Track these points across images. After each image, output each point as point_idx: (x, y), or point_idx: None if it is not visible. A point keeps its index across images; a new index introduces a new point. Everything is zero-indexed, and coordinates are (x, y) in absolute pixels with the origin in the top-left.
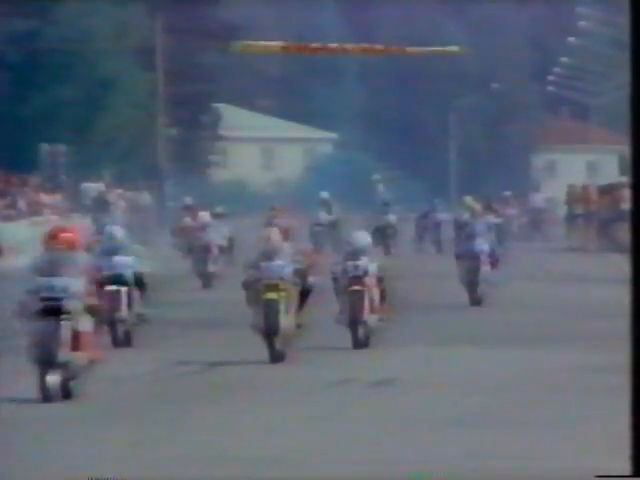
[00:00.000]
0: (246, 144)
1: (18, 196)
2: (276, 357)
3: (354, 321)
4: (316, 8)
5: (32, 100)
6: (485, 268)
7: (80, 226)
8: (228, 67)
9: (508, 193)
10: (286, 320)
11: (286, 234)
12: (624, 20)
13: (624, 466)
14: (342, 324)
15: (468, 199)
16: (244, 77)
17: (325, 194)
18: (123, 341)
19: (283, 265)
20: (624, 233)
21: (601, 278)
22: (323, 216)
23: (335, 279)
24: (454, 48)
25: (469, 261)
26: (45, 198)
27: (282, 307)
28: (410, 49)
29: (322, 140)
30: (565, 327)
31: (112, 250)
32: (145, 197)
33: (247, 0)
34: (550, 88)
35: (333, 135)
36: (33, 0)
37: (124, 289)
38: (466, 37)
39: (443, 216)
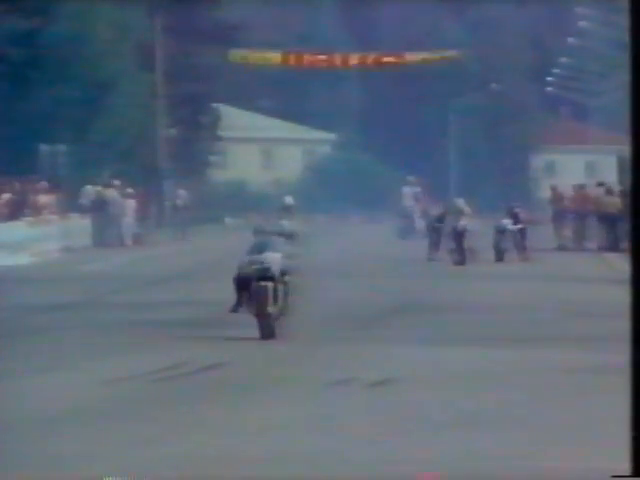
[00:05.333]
0: (246, 144)
1: (18, 196)
2: None
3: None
4: (315, 10)
5: (31, 100)
6: None
7: None
8: (227, 67)
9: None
10: None
11: None
12: (624, 20)
13: (624, 466)
14: None
15: (459, 202)
16: (244, 77)
17: (289, 199)
18: None
19: None
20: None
21: (595, 277)
22: (286, 224)
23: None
24: (452, 53)
25: None
26: (44, 198)
27: None
28: (409, 56)
29: (321, 140)
30: (564, 327)
31: None
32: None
33: (247, 1)
34: (549, 88)
35: (332, 135)
36: (33, 0)
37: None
38: (466, 37)
39: (464, 222)
